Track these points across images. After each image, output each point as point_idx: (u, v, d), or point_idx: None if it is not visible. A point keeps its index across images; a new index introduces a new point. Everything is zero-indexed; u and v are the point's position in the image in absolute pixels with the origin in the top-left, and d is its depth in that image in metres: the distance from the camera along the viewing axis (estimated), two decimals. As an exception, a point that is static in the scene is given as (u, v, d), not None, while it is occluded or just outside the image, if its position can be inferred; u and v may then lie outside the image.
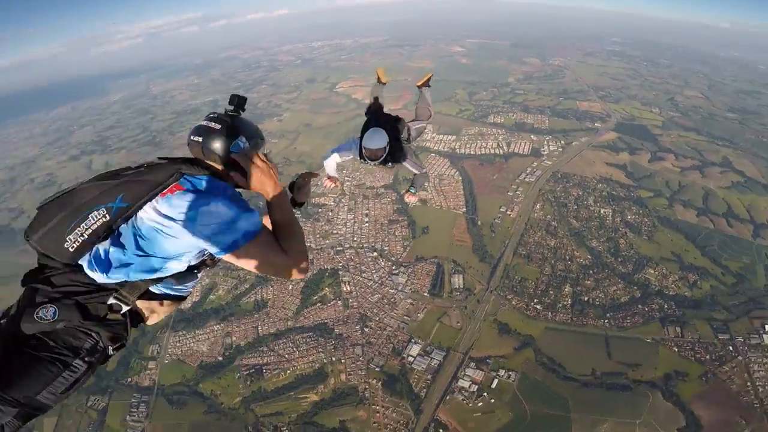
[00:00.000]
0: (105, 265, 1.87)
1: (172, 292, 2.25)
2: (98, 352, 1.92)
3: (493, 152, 70.56)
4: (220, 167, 2.15)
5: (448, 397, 37.22)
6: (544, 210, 56.59)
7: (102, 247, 1.90)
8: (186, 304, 47.62)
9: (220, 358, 42.22)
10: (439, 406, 36.92)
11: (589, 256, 49.50)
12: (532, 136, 74.46)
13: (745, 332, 40.81)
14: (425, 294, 46.21)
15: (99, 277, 1.89)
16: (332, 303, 46.28)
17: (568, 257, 49.67)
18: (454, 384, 37.99)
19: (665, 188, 61.00)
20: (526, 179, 63.09)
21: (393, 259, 51.22)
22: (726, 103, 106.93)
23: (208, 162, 2.14)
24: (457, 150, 71.05)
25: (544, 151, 70.39)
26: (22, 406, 1.64)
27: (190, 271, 2.22)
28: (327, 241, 54.93)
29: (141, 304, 2.14)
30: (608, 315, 42.92)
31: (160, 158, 2.07)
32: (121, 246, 1.89)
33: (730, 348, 39.59)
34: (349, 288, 47.73)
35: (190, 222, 1.87)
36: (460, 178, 63.73)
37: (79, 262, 1.90)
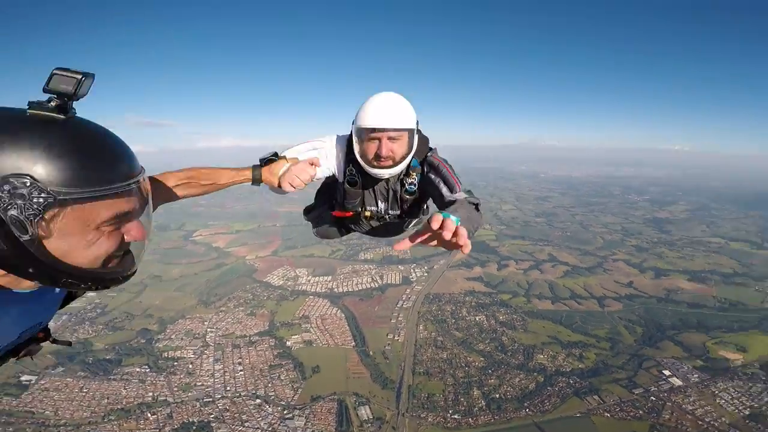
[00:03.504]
0: None
1: None
2: None
3: (369, 286, 72.05)
4: None
5: None
6: (427, 329, 57.63)
7: None
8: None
9: None
10: None
11: (481, 358, 50.41)
12: (399, 267, 79.46)
13: (652, 382, 42.94)
14: (332, 434, 39.96)
15: None
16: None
17: (463, 364, 49.78)
18: None
19: (518, 288, 69.17)
20: (404, 306, 64.96)
21: (283, 403, 44.05)
22: (532, 210, 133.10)
23: None
24: (335, 289, 70.82)
25: (412, 278, 74.97)
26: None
27: None
28: (189, 394, 44.54)
29: None
30: (526, 403, 42.09)
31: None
32: None
33: (653, 398, 40.80)
34: (230, 443, 37.91)
35: None
36: (343, 315, 62.13)
37: None
